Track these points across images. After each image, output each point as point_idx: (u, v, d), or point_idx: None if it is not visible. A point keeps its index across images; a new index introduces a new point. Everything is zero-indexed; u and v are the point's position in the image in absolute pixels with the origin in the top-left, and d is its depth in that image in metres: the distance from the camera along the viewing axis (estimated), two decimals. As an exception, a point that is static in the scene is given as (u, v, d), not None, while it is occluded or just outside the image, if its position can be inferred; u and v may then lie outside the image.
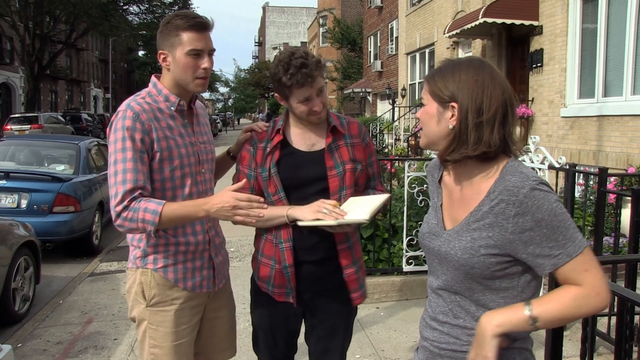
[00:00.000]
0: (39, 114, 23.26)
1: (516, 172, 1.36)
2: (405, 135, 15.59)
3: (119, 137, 1.92)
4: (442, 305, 1.49)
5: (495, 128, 1.36)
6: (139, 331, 2.11)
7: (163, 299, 2.05)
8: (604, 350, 3.66)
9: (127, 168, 1.90)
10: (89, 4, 25.87)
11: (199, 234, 2.09)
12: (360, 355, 3.81)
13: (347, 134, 2.18)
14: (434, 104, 1.43)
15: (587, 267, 1.31)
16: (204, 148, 2.15)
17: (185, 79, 2.02)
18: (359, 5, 33.05)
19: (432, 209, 1.58)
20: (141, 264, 2.05)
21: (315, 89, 2.04)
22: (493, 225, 1.35)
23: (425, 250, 1.56)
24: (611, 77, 8.51)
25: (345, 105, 33.02)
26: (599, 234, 3.85)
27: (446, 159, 1.43)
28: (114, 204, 1.89)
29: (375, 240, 5.06)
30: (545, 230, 1.30)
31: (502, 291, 1.40)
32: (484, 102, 1.36)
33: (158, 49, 2.05)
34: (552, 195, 1.32)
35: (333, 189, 2.11)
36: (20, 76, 32.30)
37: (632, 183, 5.61)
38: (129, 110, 1.96)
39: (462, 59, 1.46)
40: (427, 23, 16.72)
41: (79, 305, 4.90)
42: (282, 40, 64.16)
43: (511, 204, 1.32)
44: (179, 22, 1.98)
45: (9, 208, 6.21)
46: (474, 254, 1.37)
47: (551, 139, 9.68)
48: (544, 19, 9.91)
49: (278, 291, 2.16)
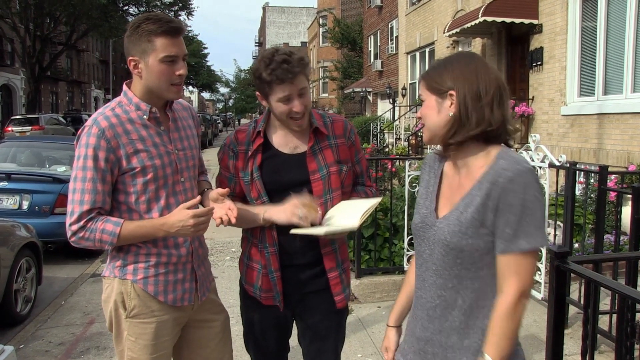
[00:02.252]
0: (39, 115, 23.32)
1: (507, 156, 1.44)
2: (405, 134, 15.59)
3: (81, 154, 1.88)
4: (430, 298, 1.55)
5: (494, 108, 1.45)
6: (118, 342, 2.04)
7: (143, 310, 1.98)
8: (606, 348, 3.67)
9: (86, 188, 1.86)
10: (88, 5, 25.87)
11: (181, 247, 2.02)
12: (362, 354, 3.81)
13: (331, 135, 2.11)
14: (432, 97, 1.51)
15: (520, 271, 1.40)
16: (184, 155, 2.05)
17: (159, 86, 1.93)
18: (359, 4, 33.02)
19: (420, 197, 1.63)
20: (120, 273, 1.98)
21: (297, 87, 1.95)
22: (480, 206, 1.42)
23: (417, 240, 1.61)
24: (611, 75, 8.50)
25: (345, 104, 33.02)
26: (600, 232, 3.86)
27: (449, 143, 1.49)
28: (69, 221, 1.86)
29: (377, 239, 5.06)
30: (511, 216, 1.38)
31: (489, 278, 1.46)
32: (480, 86, 1.45)
33: (127, 55, 1.93)
34: (532, 187, 1.39)
35: (317, 193, 2.04)
36: (21, 78, 32.32)
37: (633, 181, 5.60)
38: (94, 126, 1.88)
39: (452, 55, 1.57)
40: (427, 22, 16.71)
41: (81, 306, 4.91)
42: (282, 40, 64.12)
43: (496, 185, 1.40)
44: (150, 27, 1.86)
45: (11, 209, 6.22)
46: (463, 236, 1.44)
47: (552, 137, 9.68)
48: (544, 18, 9.91)
49: (265, 295, 2.13)
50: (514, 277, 1.40)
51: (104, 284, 2.05)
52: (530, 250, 1.39)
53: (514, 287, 1.40)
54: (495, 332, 1.42)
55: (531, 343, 3.90)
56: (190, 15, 33.50)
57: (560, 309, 1.96)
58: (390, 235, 5.08)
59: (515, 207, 1.38)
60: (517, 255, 1.40)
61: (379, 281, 4.88)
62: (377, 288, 4.87)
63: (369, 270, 4.98)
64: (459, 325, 1.50)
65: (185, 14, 32.92)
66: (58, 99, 41.22)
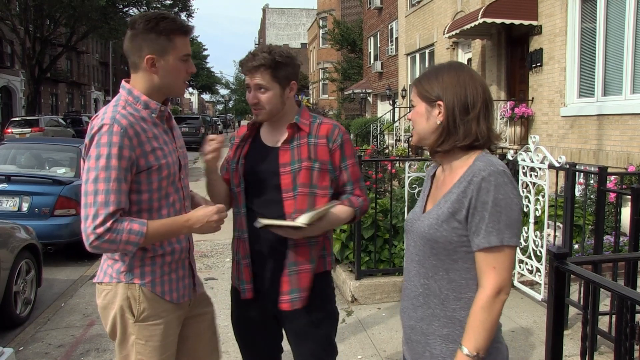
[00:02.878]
0: (39, 117, 23.28)
1: (485, 159, 1.54)
2: (405, 135, 15.59)
3: (103, 154, 1.81)
4: (414, 287, 1.65)
5: (481, 121, 1.57)
6: (123, 347, 2.01)
7: (152, 313, 1.98)
8: (606, 349, 3.66)
9: (111, 189, 1.80)
10: (88, 7, 25.87)
11: (182, 241, 2.06)
12: (362, 355, 3.81)
13: (312, 134, 2.16)
14: (422, 104, 1.63)
15: (496, 265, 1.49)
16: (182, 152, 2.11)
17: (175, 84, 1.98)
18: (359, 6, 33.07)
19: (419, 200, 1.76)
20: (126, 278, 1.95)
21: (253, 81, 2.11)
22: (455, 202, 1.53)
23: (406, 235, 1.73)
24: (610, 76, 8.51)
25: (345, 106, 33.05)
26: (600, 233, 3.86)
27: (436, 150, 1.62)
28: (93, 225, 1.79)
29: (376, 240, 5.06)
30: (485, 213, 1.48)
31: (464, 272, 1.55)
32: (469, 99, 1.56)
33: (139, 52, 1.91)
34: (505, 187, 1.48)
35: (285, 186, 2.11)
36: (20, 79, 32.33)
37: (632, 182, 5.61)
38: (115, 124, 1.83)
39: (444, 64, 1.67)
40: (426, 24, 16.72)
41: (81, 308, 4.91)
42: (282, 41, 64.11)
43: (472, 184, 1.51)
44: (170, 25, 1.89)
45: (11, 211, 6.22)
46: (438, 229, 1.55)
47: (551, 139, 9.69)
48: (543, 19, 9.92)
49: (242, 287, 2.19)
50: (491, 272, 1.49)
51: (102, 290, 2.01)
52: (501, 245, 1.48)
53: (492, 282, 1.49)
54: (472, 324, 1.50)
55: (531, 344, 3.90)
56: (190, 17, 33.51)
57: (560, 310, 1.96)
58: (390, 237, 5.08)
59: (487, 204, 1.48)
60: (492, 251, 1.49)
61: (379, 282, 4.88)
62: (377, 289, 4.87)
63: (369, 272, 4.98)
64: (439, 313, 1.59)
65: (185, 15, 32.95)
66: (58, 100, 41.24)
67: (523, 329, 4.15)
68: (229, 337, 2.34)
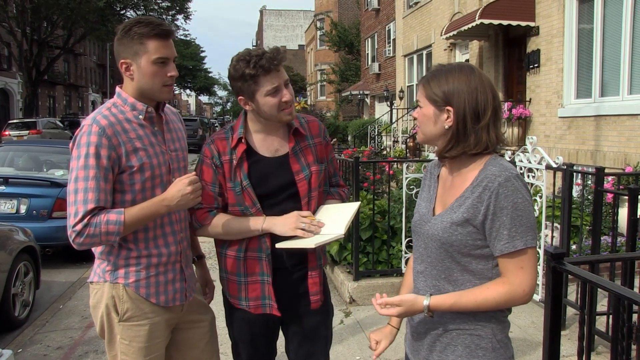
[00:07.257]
0: (37, 119, 23.31)
1: (497, 163, 1.54)
2: (403, 137, 15.61)
3: (82, 154, 1.85)
4: (427, 288, 1.63)
5: (491, 130, 1.54)
6: (112, 347, 2.05)
7: (136, 313, 1.99)
8: (603, 349, 3.67)
9: (89, 187, 1.84)
10: (86, 9, 25.84)
11: (171, 245, 2.04)
12: (360, 357, 3.82)
13: (308, 135, 2.15)
14: (430, 107, 1.57)
15: (523, 265, 1.49)
16: (175, 156, 2.09)
17: (152, 88, 1.97)
18: (356, 7, 33.07)
19: (421, 200, 1.73)
20: (111, 278, 1.97)
21: (283, 77, 1.99)
22: (470, 207, 1.52)
23: (415, 237, 1.71)
24: (608, 77, 8.54)
25: (343, 107, 33.03)
26: (597, 233, 3.87)
27: (444, 156, 1.59)
28: (73, 222, 1.83)
29: (374, 241, 5.07)
30: (505, 218, 1.47)
31: (477, 273, 1.55)
32: (479, 106, 1.52)
33: (118, 58, 1.96)
34: (522, 191, 1.48)
35: (302, 193, 2.08)
36: (18, 82, 32.29)
37: (629, 182, 5.63)
38: (94, 125, 1.88)
39: (454, 65, 1.62)
40: (424, 25, 16.75)
41: (79, 310, 4.90)
42: (280, 43, 64.13)
43: (487, 189, 1.49)
44: (142, 30, 1.90)
45: (8, 214, 6.22)
46: (453, 232, 1.53)
47: (549, 139, 9.71)
48: (540, 20, 9.95)
49: (254, 304, 2.12)
50: (519, 272, 1.49)
51: (92, 289, 2.05)
52: (525, 248, 1.48)
53: (521, 280, 1.49)
54: (467, 297, 1.50)
55: (529, 344, 3.91)
56: (188, 19, 33.52)
57: (557, 310, 1.97)
58: (388, 238, 5.09)
59: (507, 209, 1.47)
60: (516, 255, 1.48)
61: (377, 283, 4.89)
62: (375, 290, 4.82)
63: (367, 273, 4.99)
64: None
65: (182, 17, 32.95)
66: (55, 102, 41.17)
67: (521, 329, 4.16)
68: (227, 339, 2.33)
